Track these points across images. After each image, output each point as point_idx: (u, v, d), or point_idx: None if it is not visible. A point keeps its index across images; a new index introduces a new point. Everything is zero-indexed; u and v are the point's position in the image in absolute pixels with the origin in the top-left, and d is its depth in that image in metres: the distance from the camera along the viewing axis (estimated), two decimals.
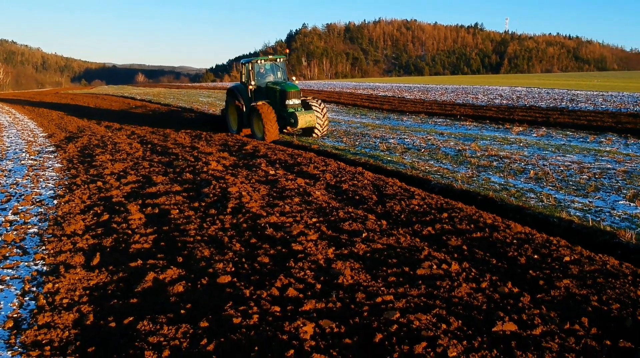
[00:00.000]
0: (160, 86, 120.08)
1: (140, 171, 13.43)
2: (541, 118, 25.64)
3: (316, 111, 19.92)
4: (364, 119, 29.31)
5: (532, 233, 7.75)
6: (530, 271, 6.33)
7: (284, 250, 7.29)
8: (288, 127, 20.86)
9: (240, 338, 4.95)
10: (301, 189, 10.80)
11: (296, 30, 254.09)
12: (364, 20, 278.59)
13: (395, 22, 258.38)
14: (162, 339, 5.02)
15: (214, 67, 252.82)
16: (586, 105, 33.84)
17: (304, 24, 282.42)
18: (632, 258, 7.10)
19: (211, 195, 10.45)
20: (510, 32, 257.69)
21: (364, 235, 7.78)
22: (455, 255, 6.96)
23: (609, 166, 13.63)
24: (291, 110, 19.75)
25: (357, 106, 38.77)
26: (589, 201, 10.08)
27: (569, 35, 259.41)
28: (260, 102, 19.74)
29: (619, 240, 7.71)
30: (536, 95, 45.96)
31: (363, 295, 5.73)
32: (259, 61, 21.17)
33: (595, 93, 48.06)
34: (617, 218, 9.00)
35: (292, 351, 4.65)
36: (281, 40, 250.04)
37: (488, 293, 5.76)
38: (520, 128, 22.71)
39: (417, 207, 9.26)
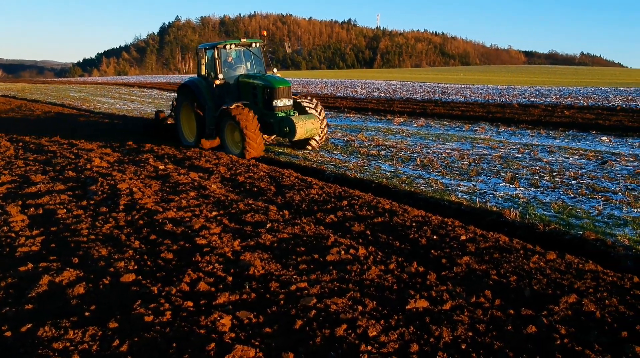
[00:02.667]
0: (22, 81, 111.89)
1: (14, 170, 12.40)
2: (419, 110, 26.90)
3: (313, 114, 14.97)
4: None
5: (428, 216, 8.12)
6: (432, 251, 6.62)
7: (187, 244, 7.07)
8: (265, 136, 15.52)
9: (155, 336, 4.73)
10: (196, 183, 10.53)
11: (169, 23, 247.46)
12: (239, 14, 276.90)
13: (270, 17, 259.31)
14: (68, 344, 4.67)
15: (81, 61, 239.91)
16: (457, 97, 35.99)
17: (177, 16, 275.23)
18: (519, 234, 7.66)
19: (100, 193, 9.89)
20: (381, 29, 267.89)
21: (268, 225, 7.74)
22: (361, 240, 7.13)
23: (485, 152, 14.60)
24: (281, 114, 14.57)
25: None
26: (473, 185, 10.74)
27: (436, 32, 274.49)
28: (235, 105, 14.21)
29: (505, 218, 8.29)
30: (410, 88, 48.20)
31: (277, 284, 5.70)
32: (227, 46, 15.45)
33: (463, 86, 51.28)
34: (500, 198, 9.67)
35: (212, 345, 4.52)
36: (153, 33, 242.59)
37: (397, 274, 5.96)
38: (401, 119, 23.68)
39: (316, 196, 9.36)
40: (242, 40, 15.68)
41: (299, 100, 15.32)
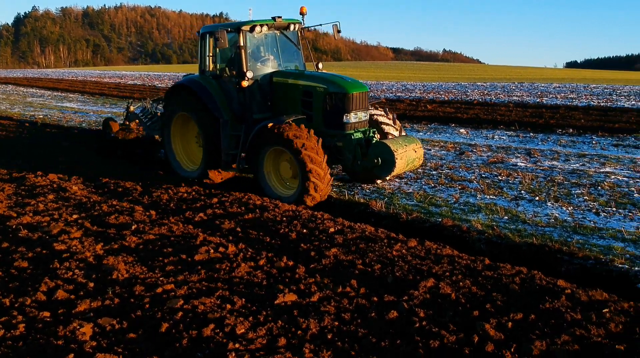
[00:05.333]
0: None
1: None
2: None
3: (392, 132, 10.41)
4: (115, 109, 27.87)
5: (299, 210, 8.24)
6: (302, 245, 6.73)
7: (44, 251, 6.62)
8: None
9: (6, 351, 4.39)
10: (55, 185, 9.90)
11: (25, 13, 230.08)
12: (104, 5, 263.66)
13: (138, 9, 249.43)
14: None
15: None
16: None
17: (35, 6, 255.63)
18: (384, 224, 8.01)
19: None
20: None
21: (133, 227, 7.46)
22: (231, 238, 7.07)
23: None
24: (357, 136, 9.66)
25: (106, 96, 36.77)
26: (342, 178, 11.04)
27: (308, 28, 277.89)
28: (290, 123, 9.19)
29: (372, 209, 8.62)
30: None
31: (142, 288, 5.50)
32: (257, 29, 10.12)
33: None
34: (367, 190, 10.03)
35: (71, 355, 4.26)
36: (7, 24, 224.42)
37: (266, 270, 5.98)
38: None
39: (185, 194, 9.17)
40: (278, 19, 10.48)
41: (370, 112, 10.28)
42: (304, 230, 7.31)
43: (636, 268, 6.29)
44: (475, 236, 7.42)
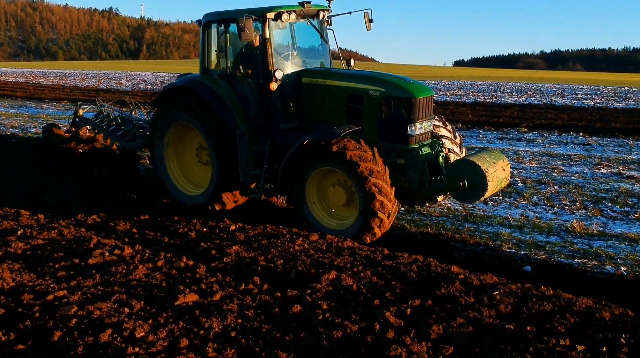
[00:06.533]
0: None
1: None
2: None
3: (454, 149, 8.28)
4: None
5: (198, 208, 8.08)
6: (202, 244, 6.61)
7: None
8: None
9: None
10: None
11: None
12: None
13: (18, 2, 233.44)
14: None
15: None
16: None
17: None
18: (287, 220, 8.01)
19: None
20: (146, 19, 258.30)
21: (19, 232, 6.99)
22: (127, 239, 6.82)
23: None
24: (426, 150, 7.72)
25: None
26: None
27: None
28: (347, 138, 7.26)
29: (274, 204, 8.61)
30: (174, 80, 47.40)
31: (30, 296, 5.17)
32: (284, 16, 8.07)
33: None
34: (267, 186, 9.97)
35: None
36: None
37: (165, 271, 5.82)
38: None
39: (76, 196, 8.71)
40: (307, 5, 8.34)
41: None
42: (204, 229, 7.18)
43: (522, 252, 6.73)
44: None
